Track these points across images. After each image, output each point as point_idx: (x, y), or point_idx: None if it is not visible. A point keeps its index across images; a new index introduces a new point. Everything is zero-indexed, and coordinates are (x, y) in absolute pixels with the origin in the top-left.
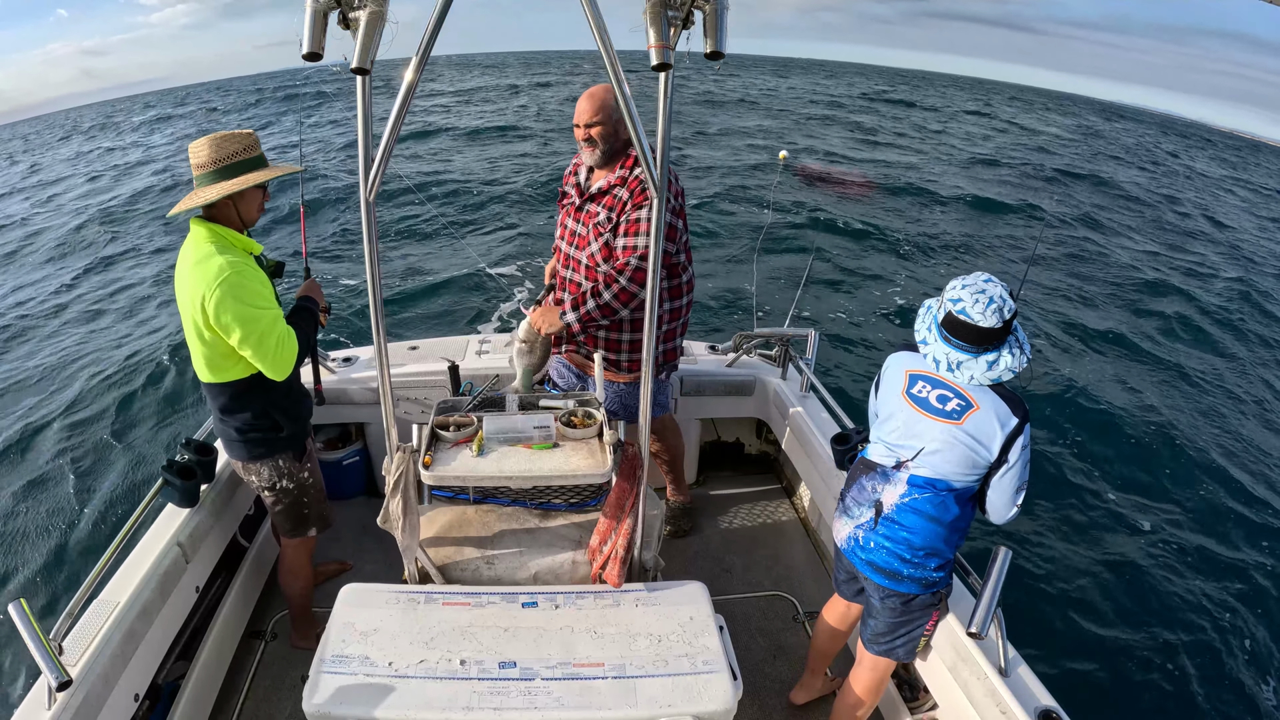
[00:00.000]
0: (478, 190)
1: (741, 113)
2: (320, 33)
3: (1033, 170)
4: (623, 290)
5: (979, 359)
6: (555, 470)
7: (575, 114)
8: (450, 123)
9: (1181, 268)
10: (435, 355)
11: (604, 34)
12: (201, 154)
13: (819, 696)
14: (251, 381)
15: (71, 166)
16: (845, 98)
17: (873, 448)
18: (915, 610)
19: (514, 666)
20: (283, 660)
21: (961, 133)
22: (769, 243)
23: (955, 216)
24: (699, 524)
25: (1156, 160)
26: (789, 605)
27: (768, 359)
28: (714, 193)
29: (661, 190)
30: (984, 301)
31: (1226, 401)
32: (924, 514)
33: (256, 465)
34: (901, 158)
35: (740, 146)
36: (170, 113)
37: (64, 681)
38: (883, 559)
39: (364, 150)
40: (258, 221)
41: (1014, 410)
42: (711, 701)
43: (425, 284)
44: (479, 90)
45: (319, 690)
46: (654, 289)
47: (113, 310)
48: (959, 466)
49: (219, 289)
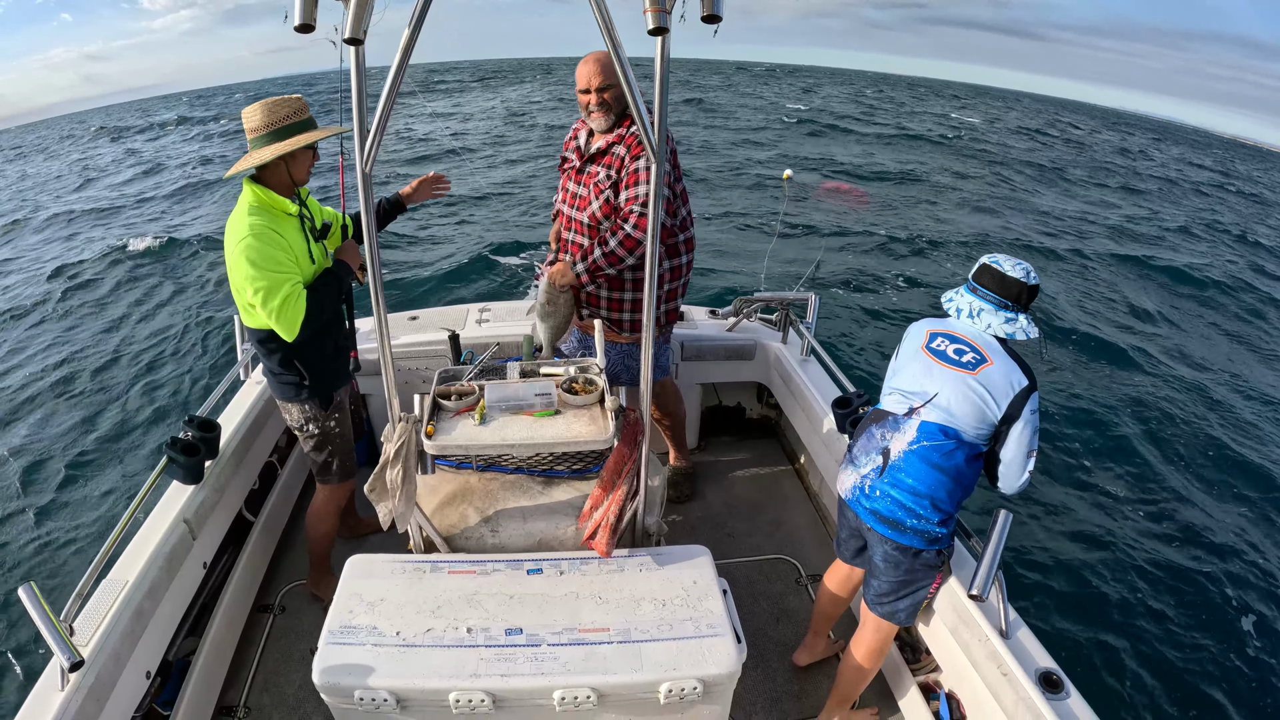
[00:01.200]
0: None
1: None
2: (312, 4)
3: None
4: (627, 237)
5: (999, 312)
6: (557, 437)
7: (580, 80)
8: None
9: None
10: (435, 325)
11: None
12: (255, 118)
13: (822, 659)
14: (274, 331)
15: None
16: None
17: (886, 399)
18: (918, 569)
19: (520, 633)
20: (292, 633)
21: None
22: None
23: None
24: (701, 489)
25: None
26: (791, 568)
27: (768, 323)
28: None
29: (660, 155)
30: (1014, 261)
31: (1237, 379)
32: (929, 461)
33: (286, 405)
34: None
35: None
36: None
37: (76, 662)
38: (886, 507)
39: (359, 121)
40: (308, 180)
41: (1025, 373)
42: (716, 665)
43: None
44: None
45: (328, 661)
46: (653, 254)
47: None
48: (969, 417)
49: (236, 248)
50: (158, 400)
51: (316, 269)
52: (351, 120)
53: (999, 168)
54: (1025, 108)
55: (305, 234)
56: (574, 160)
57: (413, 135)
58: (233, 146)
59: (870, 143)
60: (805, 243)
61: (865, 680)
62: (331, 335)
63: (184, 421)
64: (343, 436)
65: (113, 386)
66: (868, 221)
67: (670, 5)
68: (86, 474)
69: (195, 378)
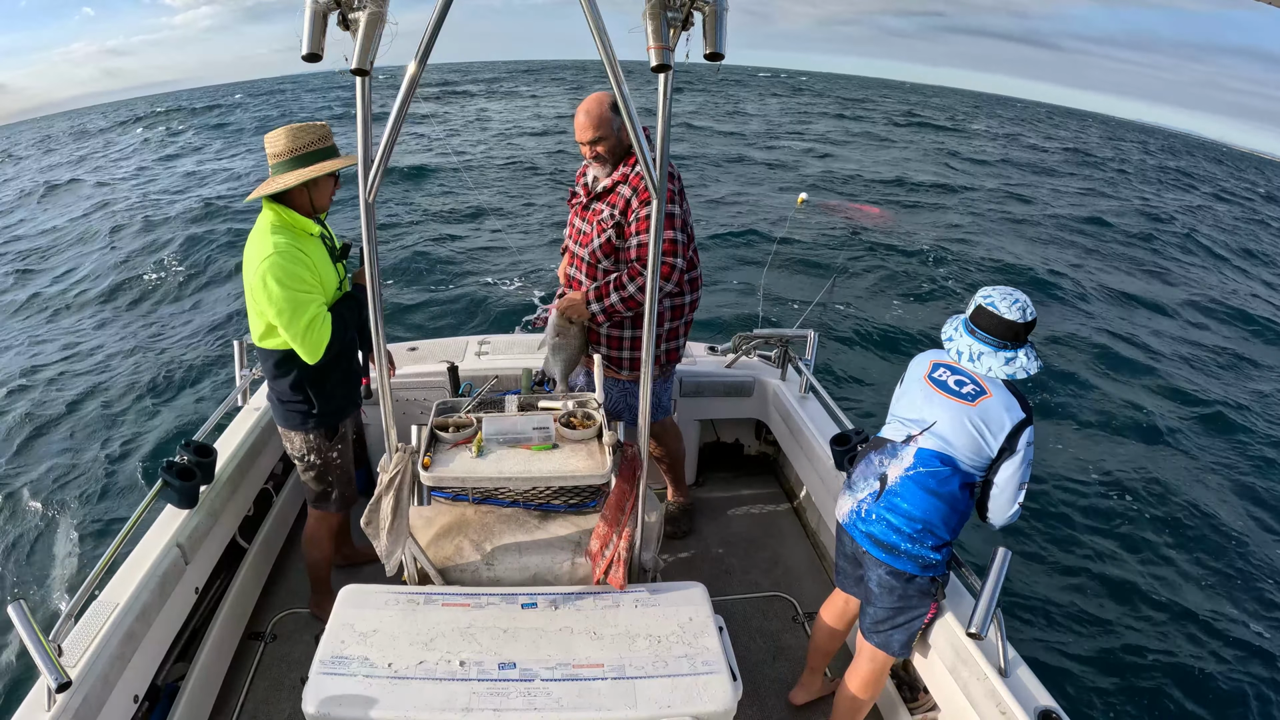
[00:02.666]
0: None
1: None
2: (320, 33)
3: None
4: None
5: (999, 353)
6: (554, 471)
7: (575, 132)
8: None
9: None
10: (434, 356)
11: (603, 35)
12: (279, 143)
13: (818, 697)
14: (291, 353)
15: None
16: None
17: (887, 427)
18: (912, 595)
19: (514, 667)
20: (282, 661)
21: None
22: (783, 259)
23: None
24: (698, 525)
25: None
26: (788, 606)
27: (767, 360)
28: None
29: (661, 192)
30: (1010, 299)
31: (1235, 410)
32: (925, 487)
33: (289, 433)
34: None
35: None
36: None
37: (63, 683)
38: (881, 531)
39: (363, 151)
40: (329, 207)
41: (1022, 406)
42: (711, 702)
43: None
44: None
45: (318, 691)
46: (653, 291)
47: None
48: (965, 448)
49: (260, 266)
50: (154, 423)
51: (339, 290)
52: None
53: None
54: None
55: (329, 254)
56: (581, 196)
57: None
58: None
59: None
60: (810, 276)
61: (861, 712)
62: (342, 362)
63: (180, 445)
64: (343, 468)
65: (110, 406)
66: (886, 244)
67: (674, 44)
68: (79, 495)
69: (194, 400)
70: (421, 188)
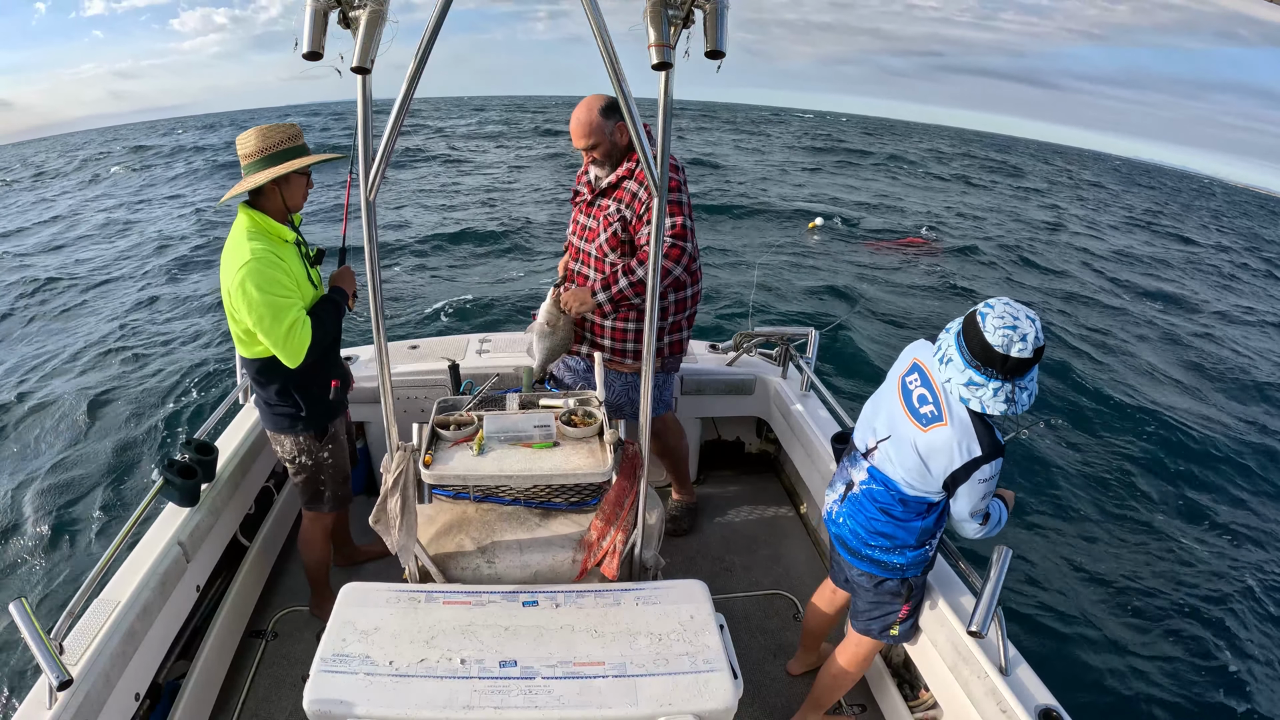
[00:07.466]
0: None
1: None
2: (320, 32)
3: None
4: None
5: (965, 370)
6: (555, 469)
7: (571, 135)
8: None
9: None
10: (435, 354)
11: (604, 33)
12: (249, 144)
13: (816, 667)
14: (274, 360)
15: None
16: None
17: (858, 427)
18: (884, 594)
19: (515, 665)
20: (283, 659)
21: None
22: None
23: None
24: (699, 523)
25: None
26: (789, 603)
27: (768, 358)
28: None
29: (662, 189)
30: (1005, 322)
31: (1240, 408)
32: (878, 504)
33: (279, 437)
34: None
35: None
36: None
37: (65, 681)
38: (847, 534)
39: (364, 150)
40: (302, 207)
41: (981, 445)
42: (712, 700)
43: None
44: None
45: (319, 689)
46: (654, 286)
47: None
48: (908, 473)
49: (238, 274)
50: (155, 421)
51: (315, 295)
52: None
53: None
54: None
55: (303, 260)
56: (585, 194)
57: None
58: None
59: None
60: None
61: (841, 689)
62: (327, 364)
63: (181, 444)
64: (336, 467)
65: (112, 405)
66: (924, 271)
67: (674, 41)
68: (81, 493)
69: (196, 399)
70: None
